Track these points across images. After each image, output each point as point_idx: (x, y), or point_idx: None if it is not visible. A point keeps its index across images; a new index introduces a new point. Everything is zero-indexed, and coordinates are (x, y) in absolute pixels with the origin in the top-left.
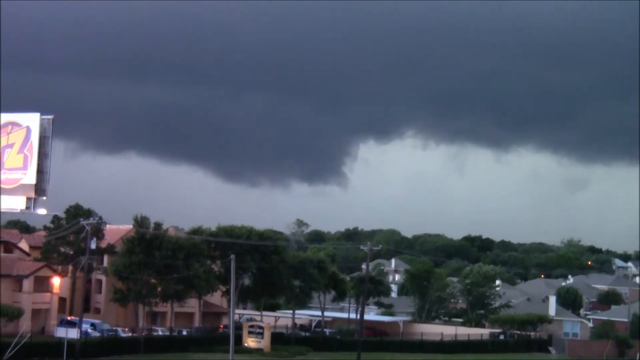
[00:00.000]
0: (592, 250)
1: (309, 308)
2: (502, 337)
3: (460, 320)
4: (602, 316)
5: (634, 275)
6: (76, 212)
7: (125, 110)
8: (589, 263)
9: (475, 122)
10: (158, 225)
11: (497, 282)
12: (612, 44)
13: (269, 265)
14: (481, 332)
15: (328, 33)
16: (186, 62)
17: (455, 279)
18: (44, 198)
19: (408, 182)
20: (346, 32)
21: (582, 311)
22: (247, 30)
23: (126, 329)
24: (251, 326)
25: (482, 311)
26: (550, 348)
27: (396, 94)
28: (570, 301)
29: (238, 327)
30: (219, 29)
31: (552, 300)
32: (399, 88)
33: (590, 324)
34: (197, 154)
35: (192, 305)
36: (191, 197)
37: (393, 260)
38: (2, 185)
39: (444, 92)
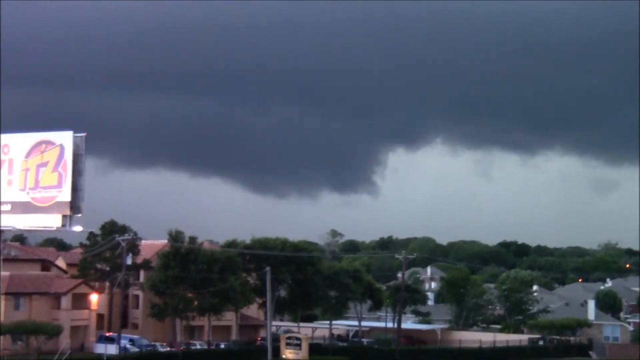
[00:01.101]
0: (630, 252)
1: (346, 318)
2: (541, 342)
3: (498, 326)
4: None
5: None
6: (111, 229)
7: (154, 124)
8: (627, 266)
9: (501, 127)
10: (192, 239)
11: (535, 287)
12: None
13: (305, 277)
14: (520, 338)
15: (355, 39)
16: (213, 72)
17: (492, 286)
18: (79, 215)
19: (439, 189)
20: (373, 39)
21: (621, 314)
22: (273, 38)
23: (164, 344)
24: (288, 338)
25: (520, 317)
26: (590, 352)
27: (423, 101)
28: (609, 305)
29: (275, 339)
30: (245, 37)
31: (591, 304)
32: (425, 95)
33: (631, 327)
34: (225, 166)
35: (229, 318)
36: (222, 210)
37: (429, 268)
38: (38, 204)
39: (469, 97)
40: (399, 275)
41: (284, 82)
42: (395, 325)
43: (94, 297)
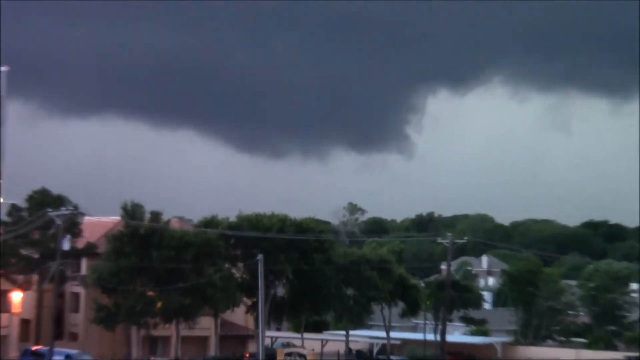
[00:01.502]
0: None
1: (369, 327)
2: None
3: (582, 340)
4: None
5: None
6: (42, 200)
7: (104, 57)
8: None
9: (583, 62)
10: (156, 216)
11: (633, 285)
12: None
13: (311, 268)
14: (613, 357)
15: None
16: None
17: (573, 283)
18: None
19: (498, 147)
20: None
21: None
22: None
23: None
24: (288, 354)
25: (612, 327)
26: None
27: (477, 29)
28: None
29: (270, 354)
30: None
31: None
32: (480, 21)
33: None
34: (201, 114)
35: (205, 326)
36: (196, 175)
37: (484, 258)
38: None
39: (540, 24)
40: (443, 267)
41: (286, 5)
42: (438, 337)
43: (16, 296)
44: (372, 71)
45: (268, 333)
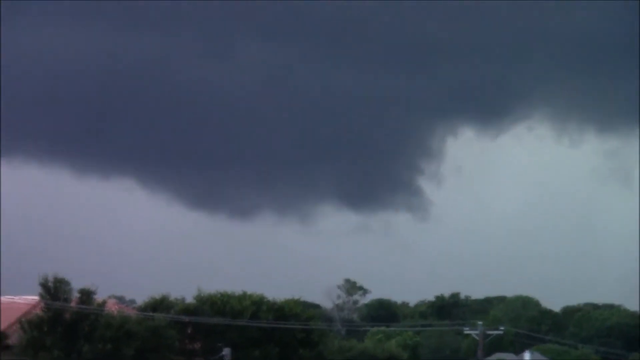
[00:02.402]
0: None
1: None
2: None
3: None
4: None
5: None
6: None
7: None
8: None
9: None
10: (87, 295)
11: None
12: None
13: None
14: None
15: None
16: None
17: None
18: None
19: (542, 207)
20: None
21: None
22: None
23: None
24: None
25: None
26: None
27: (516, 47)
28: None
29: None
30: None
31: None
32: (522, 35)
33: None
34: (145, 156)
35: None
36: (139, 240)
37: (527, 355)
38: None
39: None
40: None
41: (263, 7)
42: None
43: None
44: (376, 99)
45: None
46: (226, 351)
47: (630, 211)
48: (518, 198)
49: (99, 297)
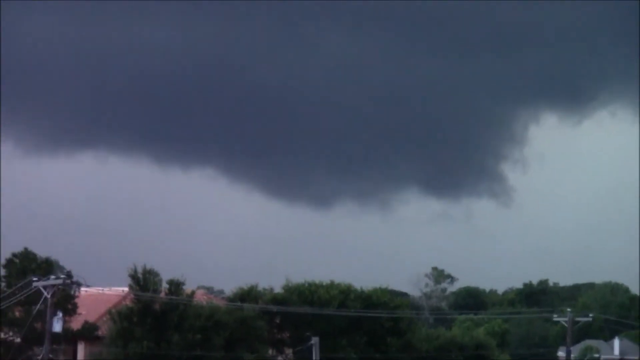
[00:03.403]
0: None
1: None
2: None
3: None
4: None
5: None
6: (24, 265)
7: (88, 71)
8: None
9: None
10: (176, 286)
11: None
12: None
13: (384, 356)
14: None
15: None
16: None
17: None
18: None
19: (629, 192)
20: None
21: None
22: None
23: None
24: None
25: None
26: None
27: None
28: None
29: None
30: None
31: None
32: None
33: None
34: (222, 147)
35: None
36: (225, 229)
37: (616, 342)
38: None
39: None
40: (561, 353)
41: None
42: None
43: None
44: (453, 81)
45: None
46: (314, 340)
47: None
48: (602, 184)
49: (187, 288)
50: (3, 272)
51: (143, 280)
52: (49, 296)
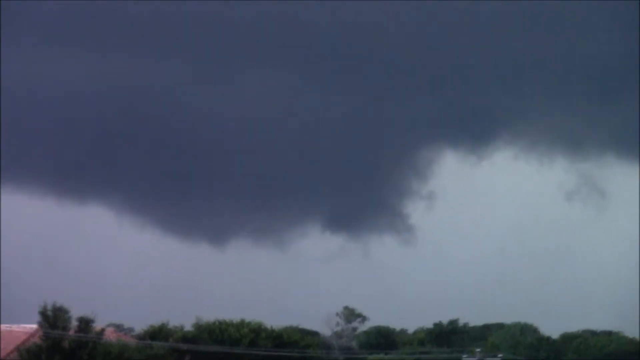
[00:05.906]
0: None
1: None
2: None
3: None
4: None
5: None
6: None
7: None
8: None
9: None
10: (85, 323)
11: None
12: None
13: None
14: None
15: None
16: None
17: None
18: None
19: (537, 232)
20: None
21: None
22: None
23: None
24: None
25: None
26: None
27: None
28: None
29: None
30: None
31: None
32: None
33: None
34: (120, 182)
35: None
36: (131, 267)
37: None
38: None
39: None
40: None
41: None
42: None
43: None
44: (357, 119)
45: None
46: None
47: (629, 235)
48: (512, 223)
49: (97, 325)
50: None
51: (53, 318)
52: None
